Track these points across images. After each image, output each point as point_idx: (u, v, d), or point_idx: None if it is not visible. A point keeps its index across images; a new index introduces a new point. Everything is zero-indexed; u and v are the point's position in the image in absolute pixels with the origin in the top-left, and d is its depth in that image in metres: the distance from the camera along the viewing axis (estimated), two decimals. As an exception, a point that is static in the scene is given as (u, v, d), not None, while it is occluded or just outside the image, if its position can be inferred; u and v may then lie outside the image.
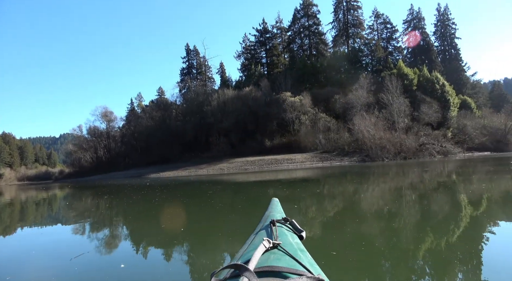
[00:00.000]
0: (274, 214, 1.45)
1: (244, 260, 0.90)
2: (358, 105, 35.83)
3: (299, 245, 1.12)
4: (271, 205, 1.64)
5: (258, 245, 0.94)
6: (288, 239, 1.10)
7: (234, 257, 1.08)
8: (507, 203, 5.08)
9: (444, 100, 38.45)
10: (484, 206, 4.84)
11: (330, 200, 6.54)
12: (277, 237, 1.06)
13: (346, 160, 28.95)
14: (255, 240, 1.11)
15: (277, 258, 0.89)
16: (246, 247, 1.09)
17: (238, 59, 57.81)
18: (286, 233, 1.17)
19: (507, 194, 5.95)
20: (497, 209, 4.69)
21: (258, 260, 0.85)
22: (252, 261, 0.81)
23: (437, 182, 9.07)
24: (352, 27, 53.17)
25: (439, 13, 55.74)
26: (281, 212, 1.53)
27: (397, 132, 31.81)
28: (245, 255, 0.97)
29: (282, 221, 1.30)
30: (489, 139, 36.14)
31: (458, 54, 54.07)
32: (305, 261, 0.92)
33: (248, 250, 1.03)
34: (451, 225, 3.77)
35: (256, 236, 1.16)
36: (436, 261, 2.61)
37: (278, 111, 37.30)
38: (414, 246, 3.04)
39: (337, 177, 14.10)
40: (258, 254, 0.87)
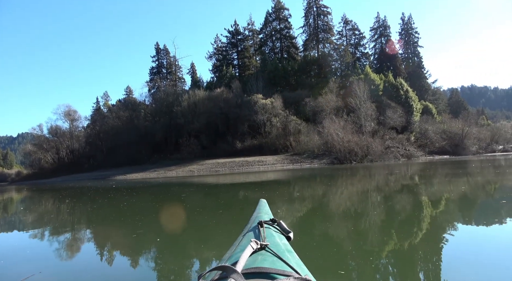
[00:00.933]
0: (261, 215, 1.44)
1: (232, 261, 0.89)
2: (327, 109, 36.64)
3: (287, 246, 1.12)
4: (259, 206, 1.64)
5: (245, 246, 0.93)
6: (276, 240, 1.10)
7: (222, 258, 1.07)
8: (464, 204, 5.36)
9: (408, 106, 40.25)
10: (444, 207, 5.14)
11: (301, 202, 6.55)
12: (265, 238, 1.06)
13: (316, 162, 29.45)
14: (242, 241, 1.11)
15: (264, 259, 0.89)
16: (234, 248, 1.08)
17: (209, 60, 57.39)
18: (274, 234, 1.17)
19: (464, 196, 6.30)
20: (455, 209, 4.95)
21: (246, 262, 0.84)
22: (240, 262, 0.80)
23: (401, 184, 9.39)
24: (322, 32, 54.34)
25: (403, 22, 58.38)
26: (269, 213, 1.52)
27: (364, 136, 32.81)
28: (233, 257, 0.97)
29: (270, 222, 1.29)
30: (448, 144, 38.19)
31: (420, 62, 56.82)
32: (292, 261, 0.91)
33: (236, 251, 1.02)
34: (414, 225, 3.89)
35: (244, 237, 1.16)
36: (405, 258, 2.76)
37: (250, 113, 37.29)
38: (379, 246, 3.13)
39: (308, 179, 14.28)
40: (246, 256, 0.86)
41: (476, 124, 45.62)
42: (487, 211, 4.76)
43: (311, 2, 54.35)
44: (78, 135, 50.08)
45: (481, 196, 6.16)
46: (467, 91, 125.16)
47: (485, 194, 6.45)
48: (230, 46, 56.65)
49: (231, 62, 55.83)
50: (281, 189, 9.98)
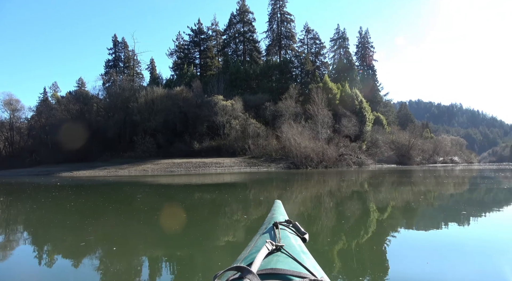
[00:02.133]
0: (277, 216, 1.45)
1: (247, 262, 0.88)
2: (286, 114, 37.37)
3: (302, 247, 1.11)
4: (274, 207, 1.66)
5: (261, 247, 0.93)
6: (291, 242, 1.10)
7: (237, 259, 1.06)
8: (407, 210, 5.71)
9: (362, 116, 42.31)
10: (390, 212, 5.44)
11: (256, 205, 6.53)
12: (280, 239, 1.06)
13: (273, 166, 29.82)
14: (258, 242, 1.11)
15: (280, 261, 0.88)
16: (249, 249, 1.08)
17: (170, 57, 55.98)
18: (289, 235, 1.16)
19: (407, 203, 6.73)
20: (399, 215, 5.26)
21: (261, 263, 0.84)
22: (255, 263, 0.80)
23: (352, 190, 9.78)
24: (284, 39, 55.45)
25: (361, 35, 61.45)
26: (284, 214, 1.53)
27: (320, 142, 33.89)
28: (248, 257, 0.96)
29: (285, 223, 1.29)
30: (396, 153, 40.77)
31: (374, 75, 60.08)
32: (308, 263, 0.91)
33: (251, 252, 1.02)
34: (361, 228, 4.04)
35: (259, 238, 1.16)
36: (353, 256, 2.83)
37: (209, 114, 36.86)
38: (328, 246, 3.19)
39: (264, 182, 14.35)
40: (261, 256, 0.86)
41: (421, 136, 49.26)
42: (426, 216, 5.11)
43: (276, 9, 55.30)
44: (19, 127, 46.04)
45: (422, 203, 6.58)
46: (414, 106, 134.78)
47: (426, 201, 6.90)
48: (193, 45, 55.74)
49: (192, 61, 54.93)
50: (238, 192, 9.91)
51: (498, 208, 5.84)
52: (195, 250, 3.23)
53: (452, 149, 57.61)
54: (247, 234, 3.86)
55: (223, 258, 2.87)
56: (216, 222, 4.75)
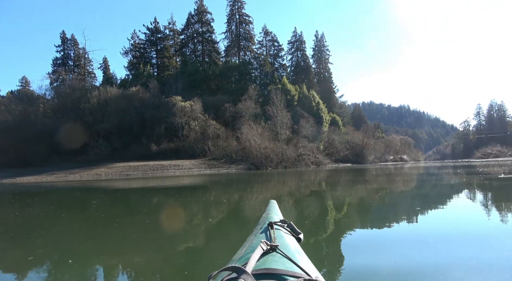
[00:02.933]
0: (272, 216, 1.45)
1: (242, 262, 0.89)
2: (246, 115, 37.48)
3: (297, 247, 1.12)
4: (269, 207, 1.65)
5: (255, 247, 0.93)
6: (286, 241, 1.10)
7: (232, 259, 1.06)
8: (361, 207, 5.97)
9: (319, 117, 43.68)
10: (348, 210, 5.66)
11: (217, 207, 6.45)
12: (275, 239, 1.06)
13: (233, 168, 29.73)
14: (253, 242, 1.10)
15: (275, 261, 0.88)
16: (244, 249, 1.08)
17: (125, 56, 53.74)
18: (284, 235, 1.16)
19: (362, 199, 7.05)
20: (354, 212, 5.48)
21: (256, 263, 0.84)
22: (250, 263, 0.81)
23: (310, 190, 10.03)
24: (243, 40, 55.70)
25: (317, 39, 63.51)
26: (279, 214, 1.52)
27: (280, 143, 34.41)
28: (243, 257, 0.97)
29: (280, 223, 1.29)
30: (351, 153, 42.53)
31: (330, 77, 62.40)
32: (303, 263, 0.91)
33: (246, 252, 1.01)
34: (319, 225, 4.12)
35: (254, 238, 1.15)
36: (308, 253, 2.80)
37: (167, 115, 35.88)
38: None
39: (225, 184, 14.25)
40: (256, 256, 0.86)
41: (373, 136, 51.83)
42: (379, 211, 5.37)
43: (234, 10, 55.36)
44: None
45: (375, 199, 6.93)
46: (367, 107, 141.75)
47: (378, 197, 7.28)
48: (149, 44, 53.99)
49: (149, 61, 53.20)
50: (199, 194, 9.73)
51: (446, 202, 6.31)
52: (158, 257, 3.08)
53: (401, 147, 61.31)
54: (211, 239, 3.78)
55: (185, 266, 2.77)
56: (179, 226, 4.60)
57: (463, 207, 5.66)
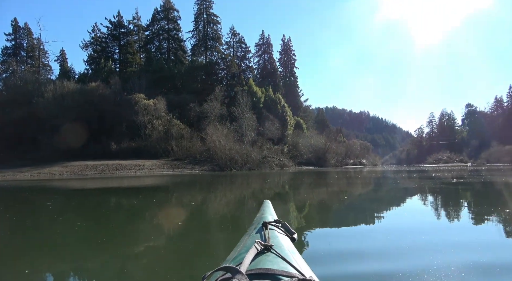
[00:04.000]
0: (266, 216, 1.44)
1: (236, 262, 0.88)
2: (212, 116, 37.11)
3: (291, 247, 1.12)
4: (263, 207, 1.65)
5: (250, 247, 0.93)
6: (280, 241, 1.09)
7: (226, 259, 1.06)
8: (322, 207, 6.10)
9: (284, 120, 44.26)
10: (308, 209, 5.73)
11: (179, 209, 6.25)
12: (269, 239, 1.06)
13: (197, 169, 29.26)
14: (247, 242, 1.10)
15: (269, 260, 0.88)
16: (238, 249, 1.08)
17: (85, 50, 50.97)
18: (278, 235, 1.16)
19: (322, 201, 7.21)
20: (314, 213, 5.57)
21: (250, 263, 0.84)
22: (244, 263, 0.81)
23: (275, 191, 10.08)
24: (210, 40, 55.07)
25: (284, 43, 64.43)
26: (273, 214, 1.53)
27: (245, 145, 34.43)
28: (237, 258, 0.97)
29: (274, 223, 1.29)
30: (314, 156, 43.53)
31: (295, 81, 63.47)
32: (296, 263, 0.90)
33: (240, 252, 1.01)
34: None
35: (248, 238, 1.15)
36: None
37: (129, 113, 34.55)
38: None
39: (188, 185, 13.96)
40: (250, 256, 0.86)
41: (335, 140, 53.49)
42: (340, 213, 5.50)
43: (202, 9, 54.66)
44: None
45: (336, 201, 7.11)
46: (330, 112, 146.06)
47: (338, 199, 7.49)
48: (111, 38, 51.71)
49: (111, 56, 50.95)
50: (160, 195, 9.40)
51: (402, 203, 6.61)
52: (129, 263, 2.88)
53: (361, 152, 63.73)
54: (181, 242, 3.62)
55: (157, 272, 2.61)
56: (146, 230, 4.36)
57: (424, 207, 5.95)
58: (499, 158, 60.86)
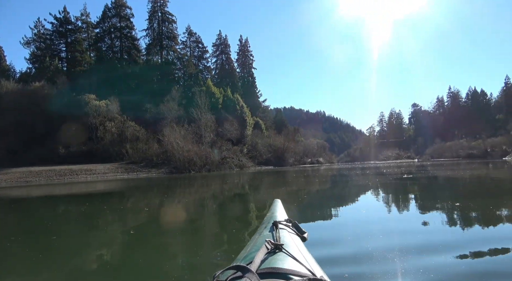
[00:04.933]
0: (276, 215, 1.45)
1: (247, 261, 0.89)
2: (169, 117, 36.09)
3: (302, 246, 1.12)
4: (273, 206, 1.65)
5: (260, 246, 0.94)
6: (291, 241, 1.09)
7: (237, 258, 1.06)
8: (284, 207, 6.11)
9: (243, 120, 44.27)
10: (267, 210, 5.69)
11: (132, 216, 5.92)
12: (280, 238, 1.06)
13: (154, 172, 28.27)
14: (257, 241, 1.10)
15: (279, 260, 0.88)
16: (249, 248, 1.08)
17: (26, 47, 46.97)
18: (288, 235, 1.15)
19: (282, 200, 7.22)
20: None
21: (261, 262, 0.85)
22: (255, 262, 0.81)
23: (235, 192, 9.99)
24: (166, 39, 53.57)
25: (241, 43, 64.51)
26: (284, 213, 1.53)
27: (204, 146, 33.88)
28: (248, 257, 0.97)
29: (285, 222, 1.28)
30: (273, 156, 44.03)
31: (254, 82, 63.82)
32: (307, 262, 0.91)
33: (251, 251, 1.02)
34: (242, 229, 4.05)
35: (259, 237, 1.15)
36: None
37: (79, 115, 32.50)
38: None
39: (145, 189, 13.40)
40: (261, 256, 0.87)
41: (294, 140, 54.55)
42: (300, 211, 5.54)
43: (156, 7, 52.99)
44: None
45: (295, 199, 7.17)
46: (288, 112, 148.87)
47: (298, 197, 7.55)
48: (57, 35, 48.25)
49: (57, 54, 47.53)
50: (114, 201, 8.87)
51: (357, 198, 6.80)
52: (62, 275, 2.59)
53: (318, 151, 65.64)
54: (122, 251, 3.36)
55: None
56: (93, 242, 4.02)
57: (378, 202, 6.16)
58: (441, 153, 65.94)
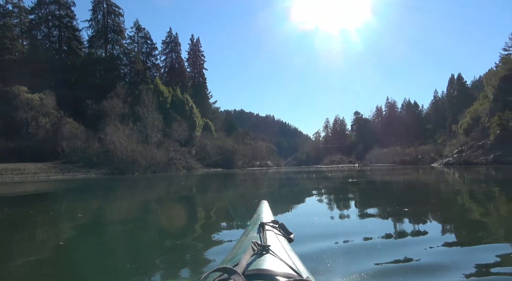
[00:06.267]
0: (263, 216, 1.44)
1: (233, 263, 0.87)
2: (112, 115, 33.98)
3: (288, 247, 1.11)
4: (260, 208, 1.63)
5: (247, 248, 0.93)
6: (278, 242, 1.09)
7: (223, 260, 1.05)
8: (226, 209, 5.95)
9: (192, 121, 43.27)
10: (214, 212, 5.48)
11: (62, 223, 5.28)
12: (266, 239, 1.05)
13: (94, 172, 26.33)
14: (244, 243, 1.09)
15: (266, 261, 0.87)
16: (235, 250, 1.07)
17: None
18: (275, 236, 1.15)
19: (230, 202, 7.09)
20: (220, 216, 5.37)
21: (247, 263, 0.84)
22: (241, 264, 0.80)
23: (180, 196, 9.57)
24: (111, 32, 50.57)
25: (192, 42, 63.30)
26: (270, 215, 1.51)
27: (150, 146, 32.43)
28: (234, 258, 0.96)
29: (271, 224, 1.27)
30: (222, 158, 43.67)
31: (204, 83, 62.92)
32: (294, 263, 0.91)
33: (237, 253, 1.01)
34: (188, 232, 3.80)
35: (245, 239, 1.14)
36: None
37: (6, 109, 29.19)
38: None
39: (82, 191, 12.30)
40: (247, 257, 0.86)
41: (243, 143, 54.78)
42: (245, 212, 5.38)
43: (101, -3, 49.87)
44: None
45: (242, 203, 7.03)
46: (238, 115, 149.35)
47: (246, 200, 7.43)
48: (-17, 18, 43.06)
49: (-19, 40, 42.36)
50: (39, 206, 7.90)
51: (301, 202, 6.84)
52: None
53: (266, 154, 66.65)
54: (45, 268, 2.89)
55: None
56: (13, 253, 3.41)
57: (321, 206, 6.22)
58: (379, 159, 70.71)
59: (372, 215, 4.88)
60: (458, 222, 4.26)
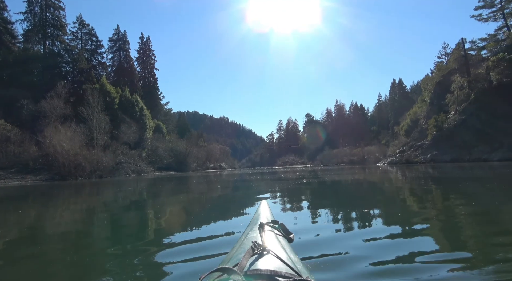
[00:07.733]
0: (263, 216, 1.43)
1: (233, 263, 0.88)
2: (52, 116, 31.27)
3: (288, 247, 1.11)
4: (260, 208, 1.61)
5: (246, 248, 0.94)
6: (277, 242, 1.09)
7: (223, 260, 1.05)
8: (186, 215, 5.60)
9: (142, 123, 41.46)
10: (168, 216, 5.10)
11: (6, 231, 4.57)
12: (266, 240, 1.04)
13: (30, 179, 23.99)
14: (244, 243, 1.10)
15: (266, 261, 0.87)
16: (235, 250, 1.08)
17: None
18: (275, 236, 1.16)
19: (184, 208, 6.74)
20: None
21: (247, 264, 0.84)
22: (241, 264, 0.80)
23: (130, 200, 8.94)
24: (51, 27, 46.68)
25: (142, 41, 60.81)
26: (270, 215, 1.50)
27: (95, 150, 30.37)
28: (234, 259, 0.97)
29: (271, 224, 1.28)
30: (174, 161, 42.40)
31: (156, 83, 60.66)
32: (294, 263, 0.91)
33: (237, 253, 1.01)
34: (143, 238, 3.44)
35: (245, 239, 1.15)
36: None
37: None
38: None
39: (13, 200, 11.01)
40: (247, 257, 0.86)
41: (196, 145, 53.80)
42: (201, 216, 5.10)
43: (39, -12, 45.87)
44: None
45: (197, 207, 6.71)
46: (191, 116, 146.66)
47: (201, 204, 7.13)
48: None
49: None
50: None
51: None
52: None
53: (220, 156, 66.16)
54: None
55: None
56: None
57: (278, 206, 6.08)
58: (329, 159, 73.63)
59: (323, 212, 4.90)
60: (401, 217, 4.39)
